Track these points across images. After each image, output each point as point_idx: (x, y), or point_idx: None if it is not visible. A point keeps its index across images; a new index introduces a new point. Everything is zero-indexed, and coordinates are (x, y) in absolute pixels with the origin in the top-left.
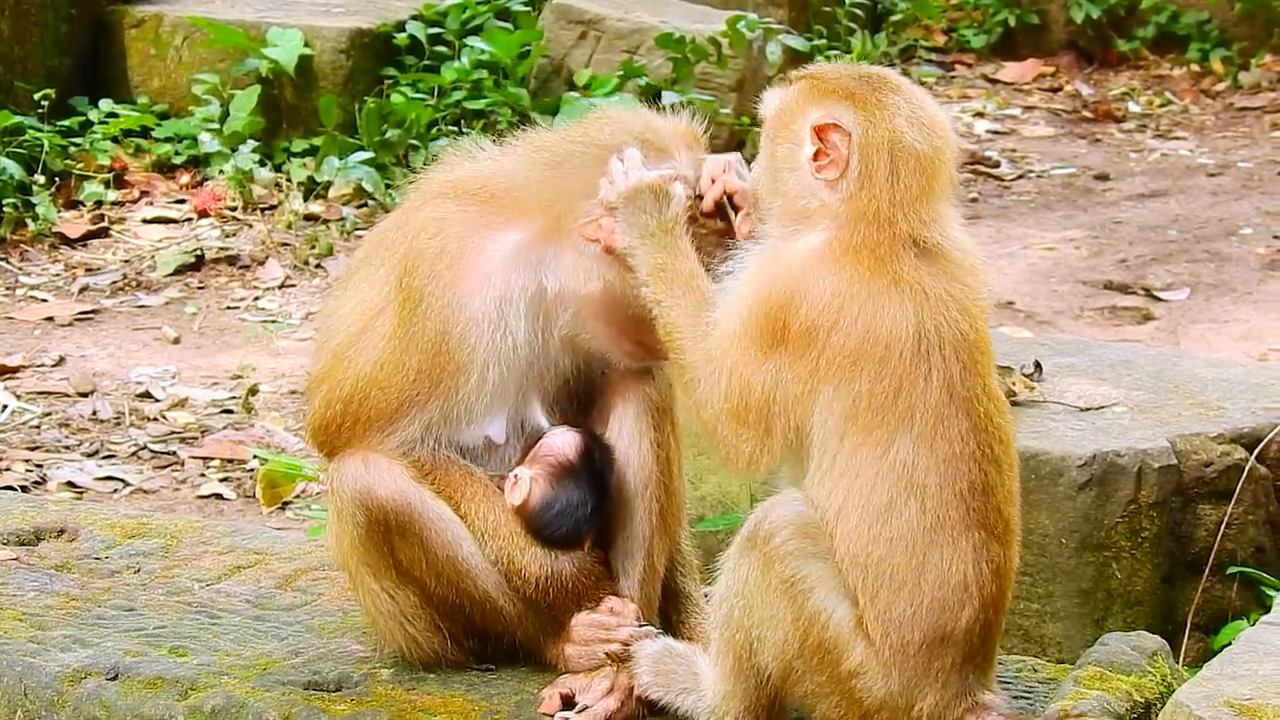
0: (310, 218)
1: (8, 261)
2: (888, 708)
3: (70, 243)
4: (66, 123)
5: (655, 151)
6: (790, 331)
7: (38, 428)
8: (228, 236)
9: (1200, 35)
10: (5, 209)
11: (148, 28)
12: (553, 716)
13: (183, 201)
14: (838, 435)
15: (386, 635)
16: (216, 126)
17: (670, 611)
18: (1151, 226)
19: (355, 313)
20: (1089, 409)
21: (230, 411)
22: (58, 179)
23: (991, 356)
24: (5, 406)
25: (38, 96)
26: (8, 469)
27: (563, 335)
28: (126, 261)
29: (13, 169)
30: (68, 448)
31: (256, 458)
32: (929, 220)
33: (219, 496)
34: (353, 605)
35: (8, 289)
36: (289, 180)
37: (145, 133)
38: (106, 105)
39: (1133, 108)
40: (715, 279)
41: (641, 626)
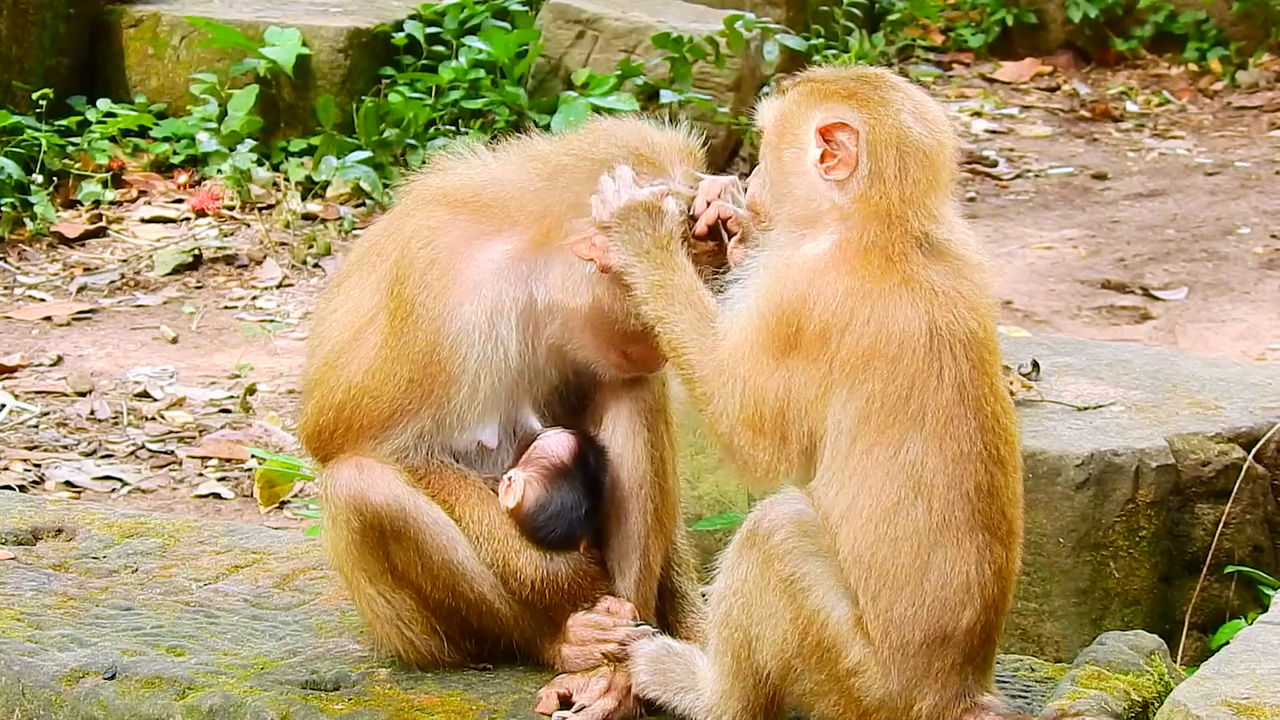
0: (308, 217)
1: (6, 261)
2: (886, 707)
3: (68, 242)
4: (64, 122)
5: (650, 166)
6: (804, 335)
7: (36, 427)
8: (226, 236)
9: (1198, 35)
10: (3, 208)
11: (146, 27)
12: (550, 716)
13: (181, 201)
14: (850, 437)
15: (383, 638)
16: (214, 126)
17: (667, 611)
18: (1149, 226)
19: (348, 318)
20: (1086, 408)
21: (228, 411)
22: (56, 178)
23: (999, 355)
24: (3, 406)
25: (36, 96)
26: (6, 468)
27: (550, 344)
28: (124, 261)
29: (11, 168)
30: (66, 447)
31: (254, 457)
32: (935, 216)
33: (217, 496)
34: (350, 605)
35: (6, 288)
36: (287, 180)
37: (143, 132)
38: (104, 105)
39: (1130, 107)
40: (714, 293)
41: (638, 626)
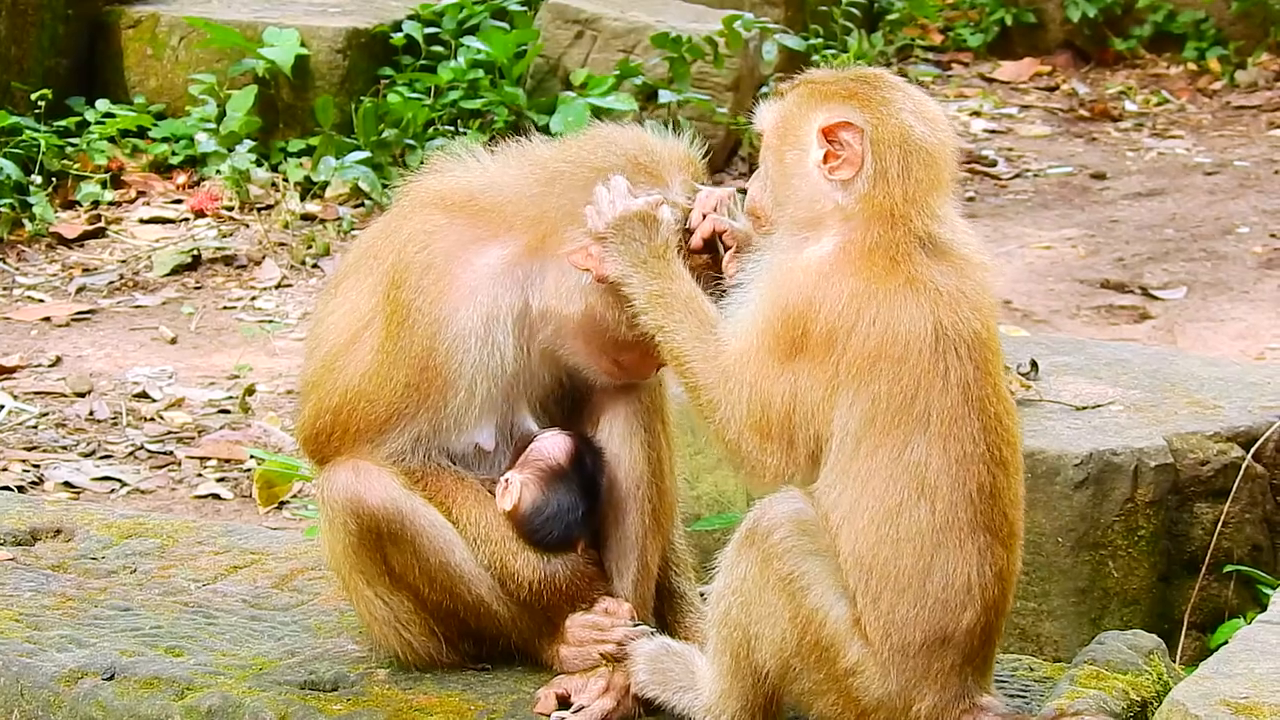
0: (307, 217)
1: (5, 262)
2: (885, 707)
3: (67, 243)
4: (63, 123)
5: (648, 176)
6: (810, 338)
7: (35, 428)
8: (224, 236)
9: (1197, 34)
10: (2, 209)
11: (144, 28)
12: (549, 716)
13: (179, 201)
14: (855, 439)
15: (381, 640)
16: (213, 126)
17: (665, 611)
18: (1148, 225)
19: (345, 321)
20: (1085, 408)
21: (227, 411)
22: (54, 179)
23: (1001, 356)
24: (2, 407)
25: (34, 97)
26: (5, 469)
27: (544, 349)
28: (123, 261)
29: (10, 169)
30: (65, 448)
31: (253, 458)
32: (938, 216)
33: (216, 496)
34: (348, 605)
35: (5, 289)
36: (285, 180)
37: (142, 133)
38: (103, 105)
39: (1129, 107)
40: (713, 302)
41: (636, 626)
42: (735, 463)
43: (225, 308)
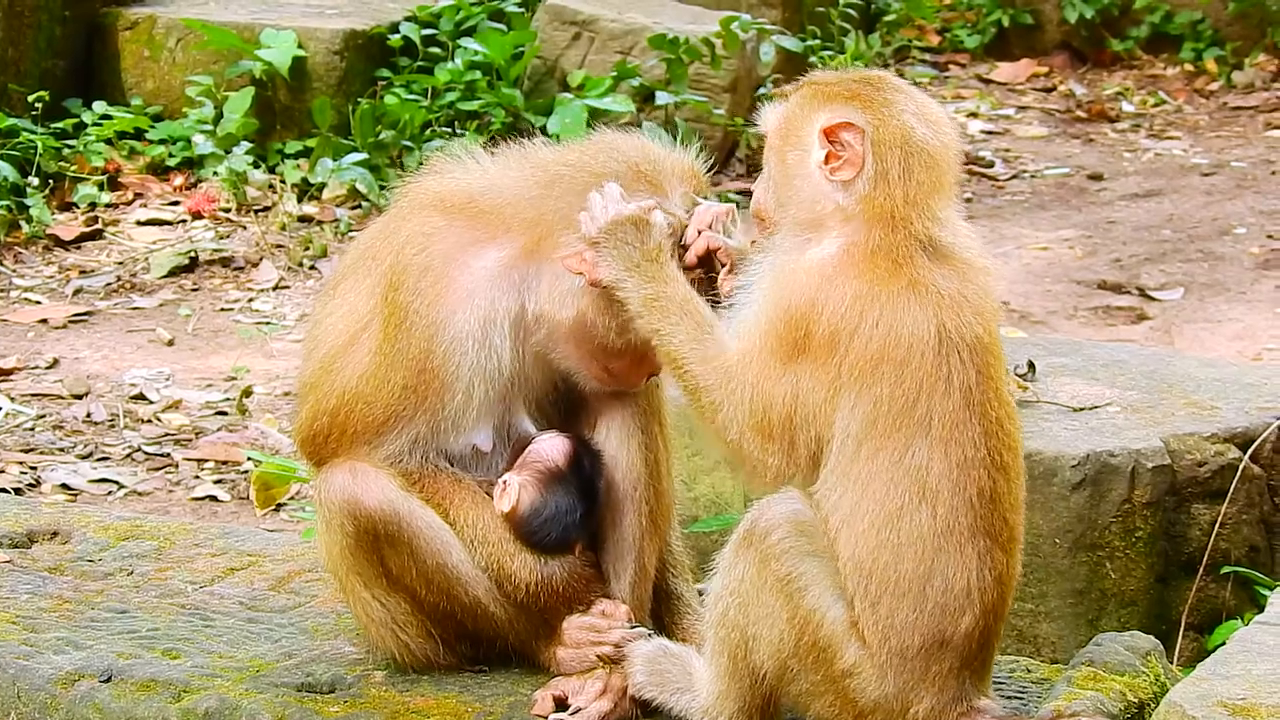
0: (304, 219)
1: (2, 264)
2: (882, 709)
3: (64, 245)
4: (60, 125)
5: (648, 184)
6: (812, 340)
7: (32, 430)
8: (221, 238)
9: (1194, 35)
10: None
11: (141, 30)
12: (546, 718)
13: (177, 203)
14: (856, 441)
15: (378, 642)
16: (210, 128)
17: (663, 613)
18: (1145, 226)
19: (343, 323)
20: (1082, 409)
21: (224, 413)
22: (51, 181)
23: (1003, 360)
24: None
25: (32, 99)
26: (2, 471)
27: (536, 352)
28: (120, 263)
29: (7, 171)
30: (62, 450)
31: (250, 460)
32: (939, 219)
33: (213, 498)
34: (346, 608)
35: (1, 291)
36: (283, 182)
37: (139, 135)
38: (100, 107)
39: (1126, 107)
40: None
41: (633, 628)
42: (736, 464)
43: (222, 309)
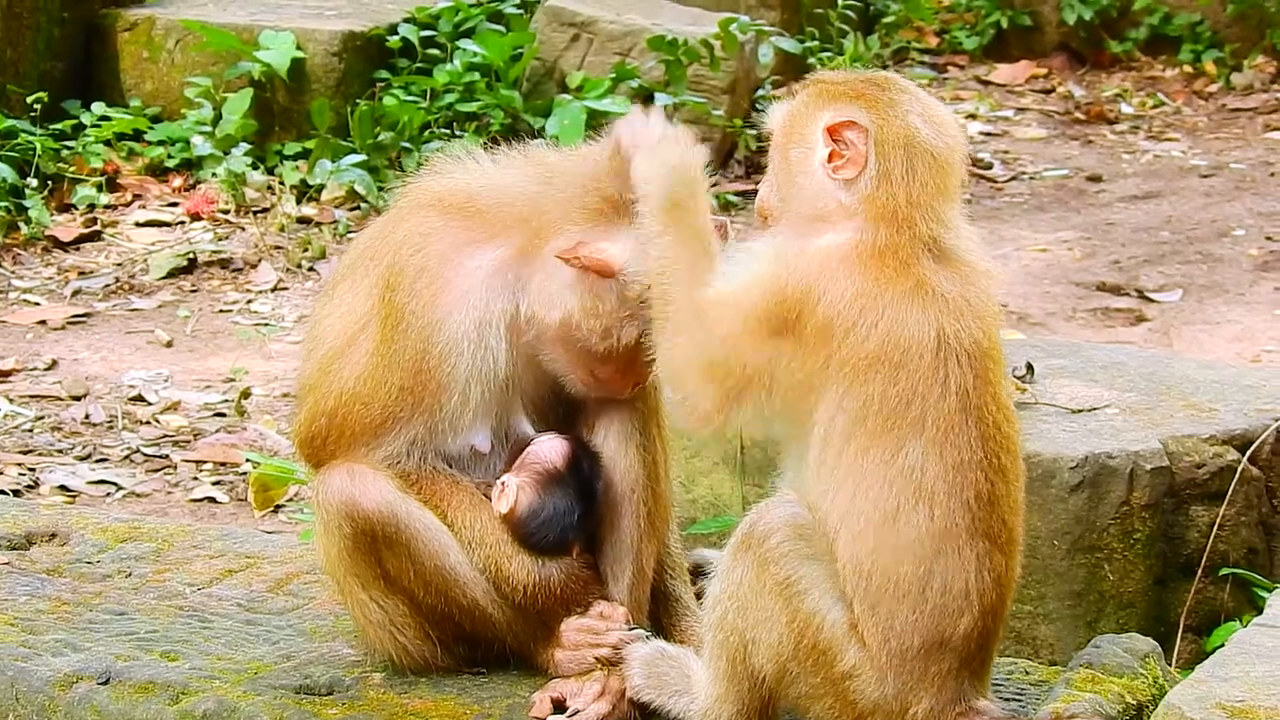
0: (303, 221)
1: (0, 265)
2: (881, 711)
3: (63, 246)
4: (59, 126)
5: None
6: (803, 324)
7: (30, 431)
8: (220, 240)
9: (1193, 37)
10: None
11: (140, 31)
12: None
13: (175, 205)
14: (843, 437)
15: (376, 644)
16: (209, 129)
17: (661, 615)
18: (1144, 228)
19: (341, 323)
20: (1081, 411)
21: (223, 415)
22: (50, 182)
23: (1003, 364)
24: None
25: (30, 100)
26: (0, 473)
27: (530, 354)
28: (119, 265)
29: (5, 172)
30: (60, 451)
31: (249, 461)
32: (944, 221)
33: (211, 500)
34: (344, 610)
35: (0, 292)
36: (281, 183)
37: (138, 136)
38: (99, 108)
39: (1125, 109)
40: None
41: (631, 630)
42: (669, 389)
43: (221, 311)
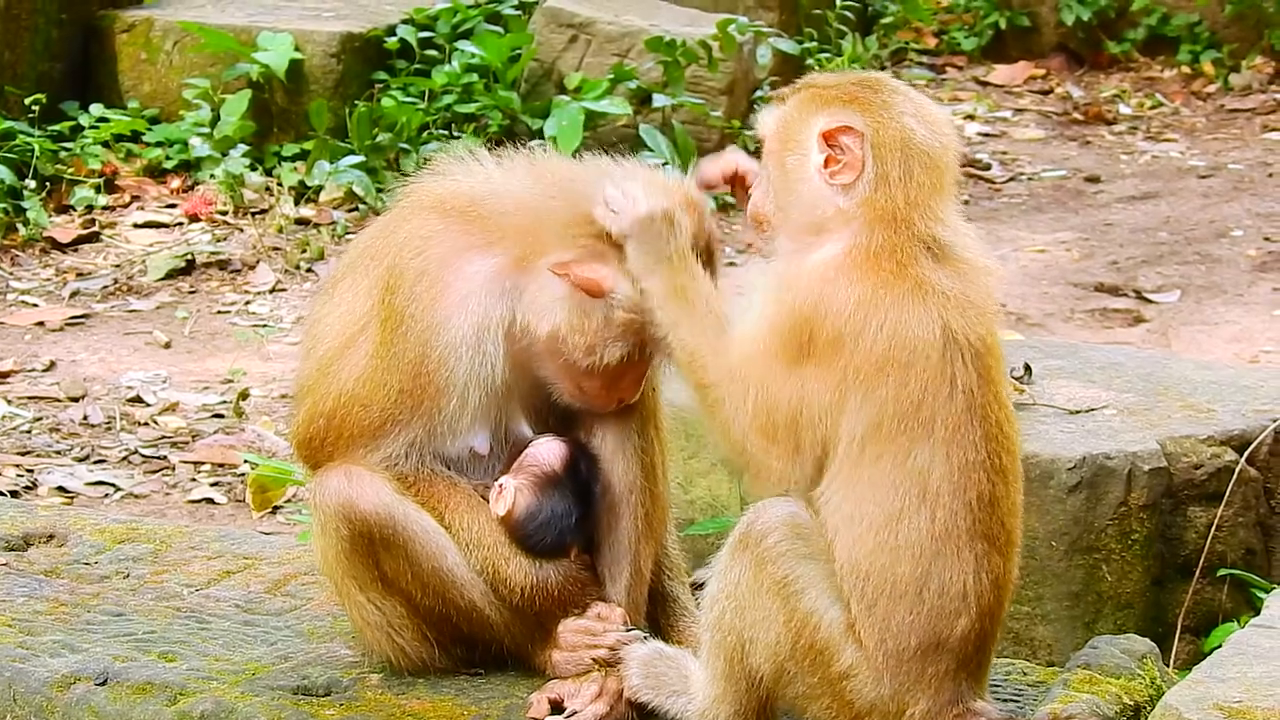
0: (301, 222)
1: None
2: (878, 711)
3: (61, 247)
4: (57, 127)
5: None
6: (817, 342)
7: (28, 432)
8: (218, 241)
9: (1191, 37)
10: None
11: (138, 32)
12: None
13: (173, 206)
14: (861, 444)
15: (373, 645)
16: (207, 131)
17: (659, 615)
18: (1142, 229)
19: (340, 324)
20: (1079, 411)
21: (221, 416)
22: (48, 184)
23: (1002, 362)
24: None
25: (28, 101)
26: None
27: (524, 360)
28: (117, 266)
29: (4, 174)
30: (58, 452)
31: (247, 462)
32: (941, 219)
33: (209, 501)
34: (341, 611)
35: None
36: (280, 184)
37: (136, 137)
38: (97, 110)
39: (1123, 110)
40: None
41: (629, 631)
42: (739, 465)
43: (219, 312)
